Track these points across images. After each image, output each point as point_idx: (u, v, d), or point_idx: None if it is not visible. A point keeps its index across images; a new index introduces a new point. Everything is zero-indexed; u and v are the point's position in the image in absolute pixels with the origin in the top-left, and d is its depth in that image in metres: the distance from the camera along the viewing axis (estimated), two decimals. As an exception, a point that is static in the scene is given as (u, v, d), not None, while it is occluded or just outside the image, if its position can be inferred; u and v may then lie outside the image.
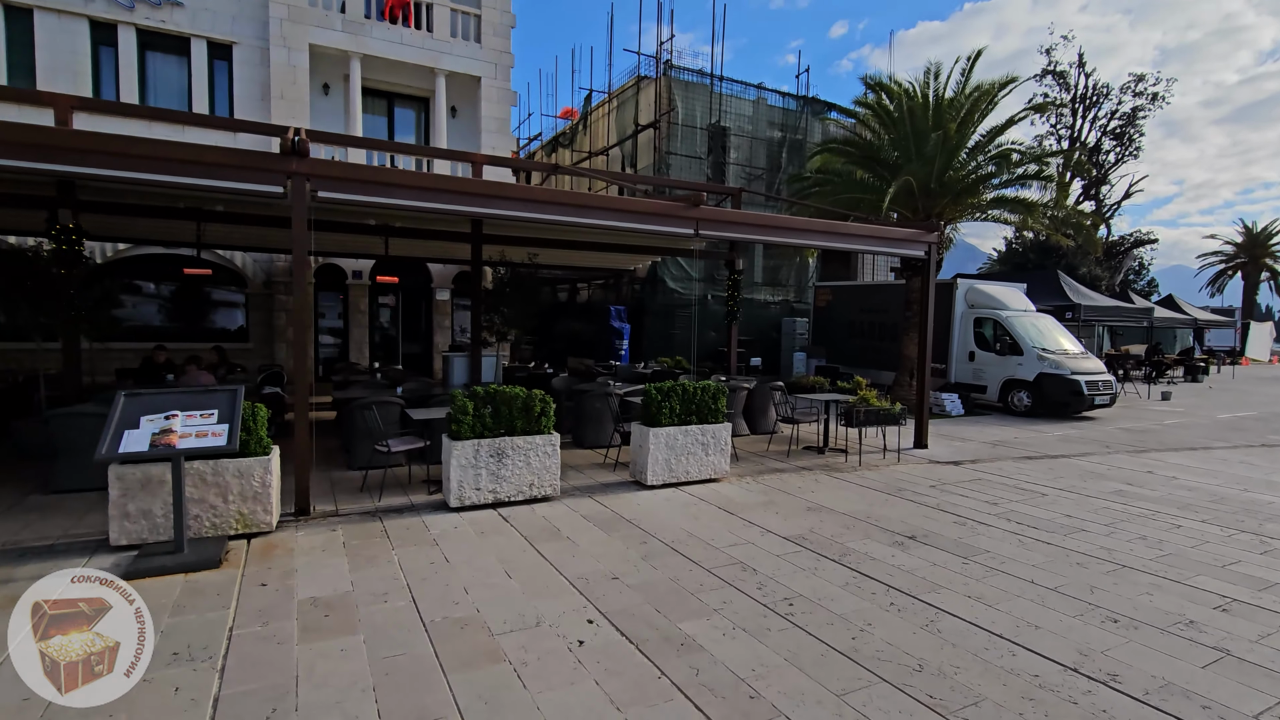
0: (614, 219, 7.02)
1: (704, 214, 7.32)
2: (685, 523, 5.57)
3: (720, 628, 3.68)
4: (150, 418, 4.43)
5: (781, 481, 7.10)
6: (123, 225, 9.65)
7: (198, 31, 13.01)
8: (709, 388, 6.94)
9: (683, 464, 6.75)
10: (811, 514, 5.93)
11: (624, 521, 5.57)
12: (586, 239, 11.13)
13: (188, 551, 4.42)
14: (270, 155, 5.31)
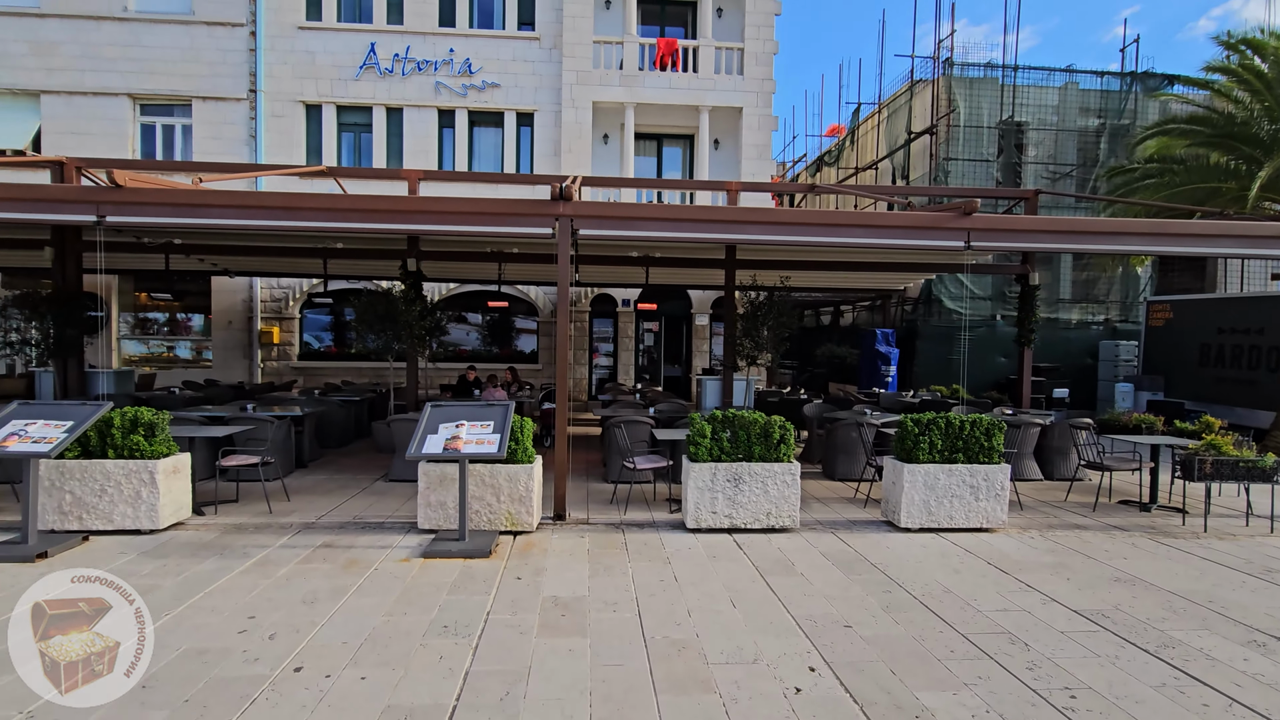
0: (865, 235, 6.56)
1: (977, 223, 6.42)
2: (942, 575, 4.85)
3: (969, 707, 3.09)
4: (446, 425, 5.35)
5: (1080, 541, 5.80)
6: (450, 269, 11.96)
7: (509, 106, 15.65)
8: (980, 421, 6.01)
9: (945, 508, 5.92)
10: (1120, 586, 4.71)
11: (867, 564, 5.06)
12: (844, 259, 10.61)
13: (467, 540, 5.21)
14: (541, 202, 6.09)
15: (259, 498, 6.64)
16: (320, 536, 5.54)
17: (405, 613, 4.03)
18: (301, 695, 3.09)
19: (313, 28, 15.28)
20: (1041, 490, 7.76)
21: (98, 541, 5.27)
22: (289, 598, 4.24)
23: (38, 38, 14.78)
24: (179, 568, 4.74)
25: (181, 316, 16.42)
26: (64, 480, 5.37)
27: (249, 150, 15.19)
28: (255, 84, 15.15)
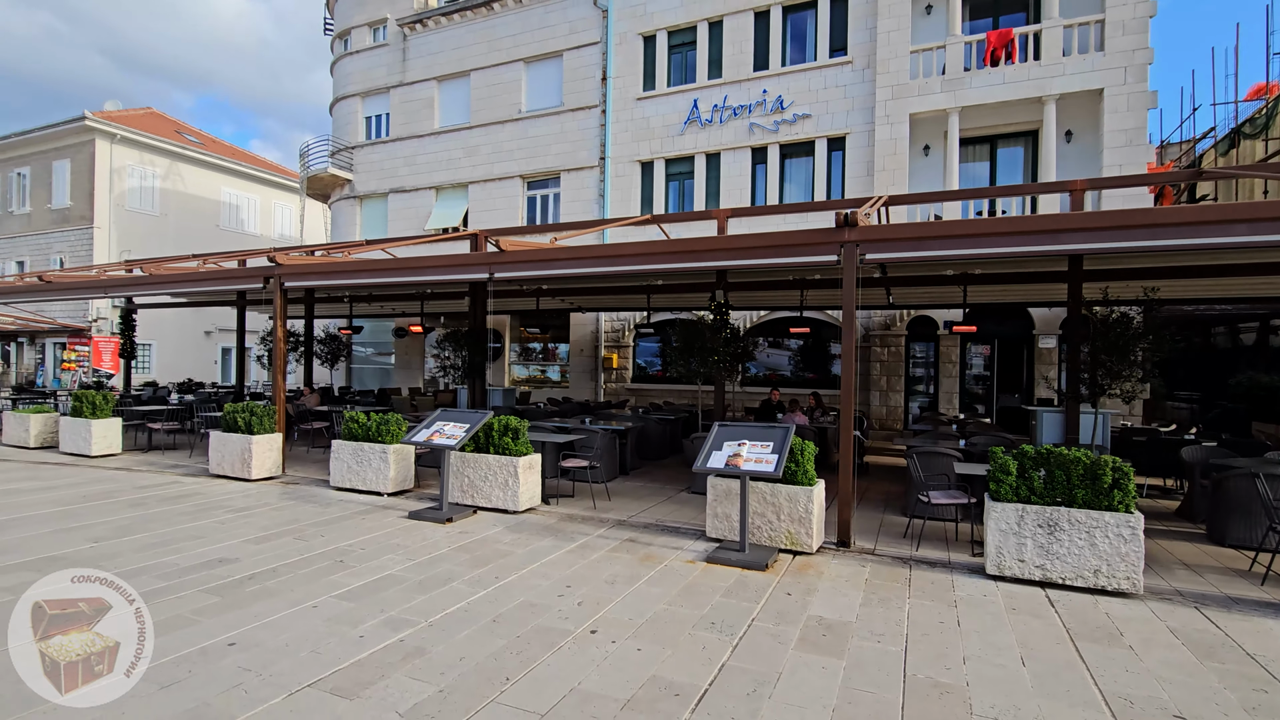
0: (1253, 233, 5.07)
1: None
2: (1373, 690, 3.50)
3: None
4: (730, 444, 5.82)
5: None
6: (755, 298, 12.61)
7: (820, 133, 15.85)
8: None
9: (1399, 600, 4.20)
10: None
11: (1238, 652, 3.92)
12: (1257, 259, 8.21)
13: (747, 552, 5.56)
14: (825, 230, 6.20)
15: (588, 495, 8.03)
16: (628, 532, 6.49)
17: (682, 605, 4.56)
18: (592, 651, 3.80)
19: (648, 97, 17.77)
20: None
21: (482, 515, 7.06)
22: (596, 576, 5.14)
23: (467, 145, 20.21)
24: (527, 541, 6.10)
25: (551, 346, 20.42)
26: (464, 467, 7.34)
27: (598, 207, 18.29)
28: (604, 152, 18.22)
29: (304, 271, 9.30)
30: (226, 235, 31.11)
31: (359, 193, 22.15)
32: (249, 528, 6.41)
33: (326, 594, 4.66)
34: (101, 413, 10.66)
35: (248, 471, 8.67)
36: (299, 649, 3.78)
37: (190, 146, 30.80)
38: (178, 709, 3.10)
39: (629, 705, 3.22)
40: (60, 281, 12.44)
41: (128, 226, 28.06)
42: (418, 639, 3.94)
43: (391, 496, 7.86)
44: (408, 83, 21.35)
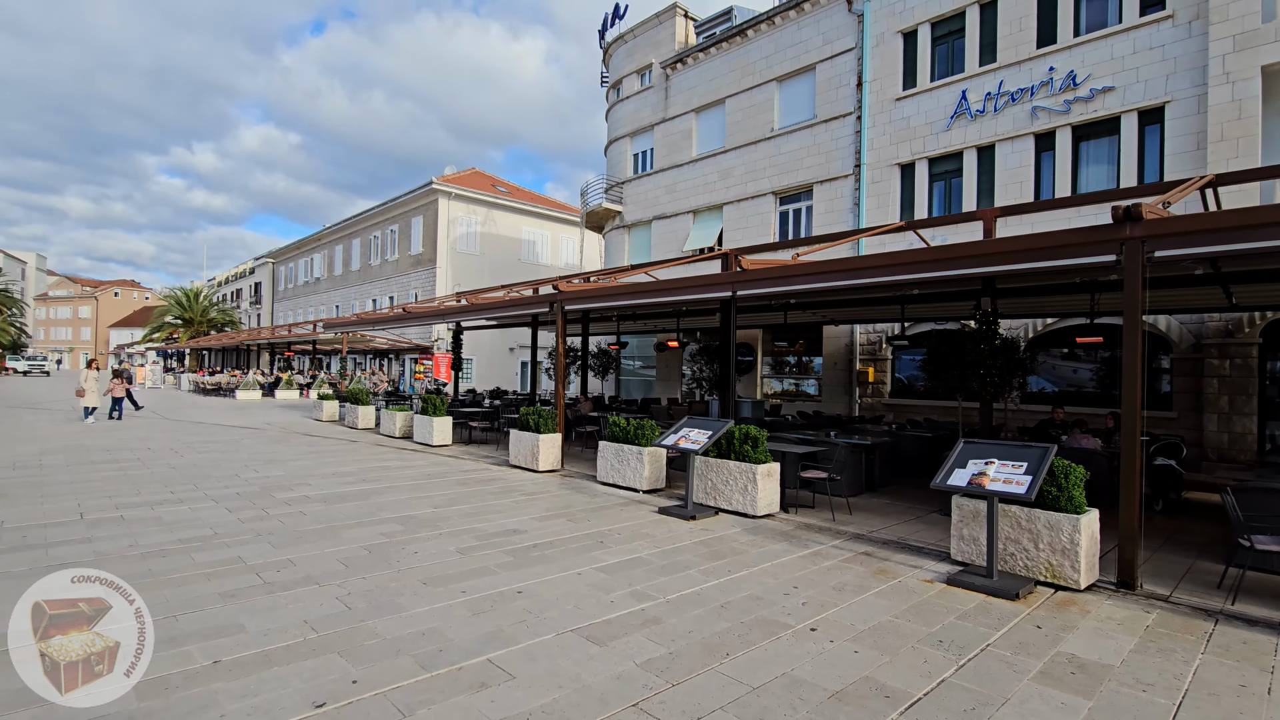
0: None
1: None
2: None
3: None
4: (975, 461, 5.46)
5: None
6: (1033, 305, 11.18)
7: (1127, 107, 13.41)
8: None
9: None
10: None
11: None
12: None
13: (995, 579, 5.16)
14: (1100, 228, 5.46)
15: (827, 508, 8.04)
16: (864, 546, 6.42)
17: (910, 619, 4.48)
18: (809, 645, 4.01)
19: (908, 95, 16.86)
20: None
21: (722, 516, 7.57)
22: (824, 581, 5.27)
23: (721, 168, 21.27)
24: (761, 543, 6.43)
25: (805, 359, 20.34)
26: (707, 471, 7.94)
27: (853, 217, 17.82)
28: (859, 159, 17.73)
29: (580, 296, 10.90)
30: (525, 267, 36.97)
31: (627, 222, 24.69)
32: (535, 508, 7.81)
33: (588, 565, 5.57)
34: (439, 413, 13.68)
35: (535, 464, 10.43)
36: (565, 603, 4.65)
37: (500, 196, 37.33)
38: (484, 629, 4.13)
39: (837, 696, 3.39)
40: (413, 311, 16.25)
41: (459, 265, 34.94)
42: (656, 610, 4.55)
43: (645, 493, 8.81)
44: (669, 118, 23.26)
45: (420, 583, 5.03)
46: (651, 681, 3.52)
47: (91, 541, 5.96)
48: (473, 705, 3.23)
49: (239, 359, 51.83)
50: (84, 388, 16.31)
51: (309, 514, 7.23)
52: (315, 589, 4.83)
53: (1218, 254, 6.14)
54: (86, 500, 7.64)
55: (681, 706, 3.26)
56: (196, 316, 52.12)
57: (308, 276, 50.46)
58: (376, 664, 3.65)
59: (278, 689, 3.34)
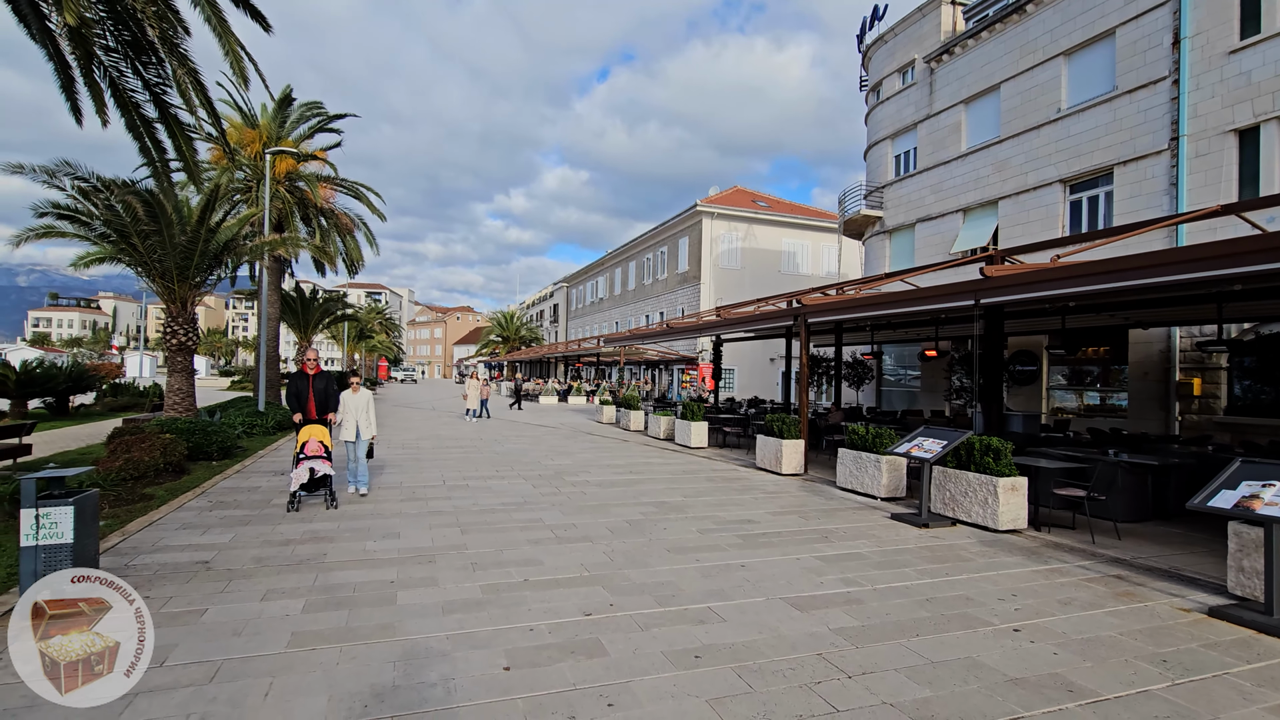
0: None
1: None
2: None
3: None
4: (1250, 483, 4.83)
5: None
6: None
7: None
8: None
9: None
10: None
11: None
12: None
13: (1276, 617, 4.55)
14: None
15: (1089, 529, 7.37)
16: (1119, 570, 5.94)
17: (1138, 639, 4.30)
18: (1006, 643, 4.20)
19: (1247, 45, 13.76)
20: None
21: (960, 528, 7.49)
22: (1052, 595, 5.17)
23: (996, 159, 19.48)
24: (993, 555, 6.35)
25: (1110, 369, 17.56)
26: (945, 481, 7.90)
27: (1169, 200, 15.03)
28: (1177, 131, 14.92)
29: (821, 309, 11.38)
30: (784, 278, 37.56)
31: (888, 227, 23.89)
32: (771, 505, 8.61)
33: (808, 554, 6.23)
34: (696, 418, 15.19)
35: (779, 467, 11.18)
36: (779, 579, 5.43)
37: (759, 210, 38.56)
38: (709, 587, 5.13)
39: (1015, 682, 3.64)
40: (674, 325, 18.13)
41: (721, 280, 36.98)
42: (859, 595, 5.08)
43: (882, 500, 8.99)
44: (934, 113, 22.03)
45: (665, 550, 6.23)
46: (838, 641, 4.14)
47: (450, 499, 8.44)
48: (691, 632, 4.24)
49: (543, 369, 61.53)
50: (467, 393, 22.15)
51: (588, 494, 9.04)
52: (589, 544, 6.34)
53: None
54: (446, 473, 10.57)
55: (858, 662, 3.85)
56: (511, 334, 63.09)
57: (594, 297, 57.68)
58: (627, 596, 4.89)
59: (561, 601, 4.76)
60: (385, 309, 75.37)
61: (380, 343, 57.14)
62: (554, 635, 4.13)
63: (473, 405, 22.13)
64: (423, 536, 6.52)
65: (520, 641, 4.03)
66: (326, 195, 20.09)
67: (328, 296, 29.36)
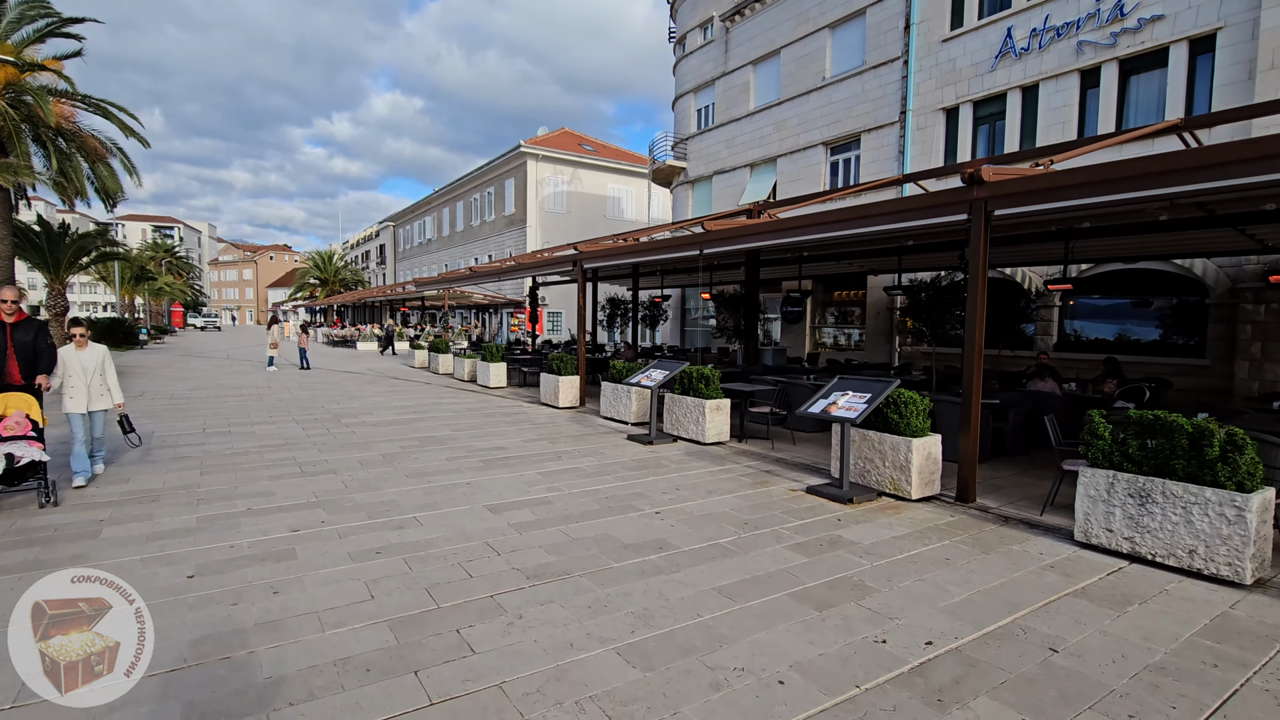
0: None
1: None
2: (1405, 710, 2.90)
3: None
4: (837, 393, 6.51)
5: None
6: (1024, 253, 11.31)
7: (1176, 36, 12.61)
8: None
9: None
10: None
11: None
12: None
13: (844, 489, 6.29)
14: (950, 191, 6.16)
15: (777, 438, 9.20)
16: (772, 467, 7.64)
17: (743, 511, 5.77)
18: (644, 521, 5.46)
19: (954, 36, 16.42)
20: None
21: (680, 444, 8.95)
22: (706, 487, 6.61)
23: (776, 120, 21.52)
24: (687, 462, 7.81)
25: (851, 310, 20.66)
26: (673, 405, 9.33)
27: (898, 165, 17.76)
28: (905, 105, 17.54)
29: (595, 255, 12.37)
30: (610, 223, 38.59)
31: (690, 178, 25.51)
32: (531, 433, 9.60)
33: (534, 470, 7.26)
34: (495, 359, 15.83)
35: (556, 401, 12.24)
36: (493, 491, 6.37)
37: (585, 155, 38.93)
38: (425, 501, 5.93)
39: (627, 546, 4.86)
40: (477, 271, 18.39)
41: (547, 224, 37.13)
42: (553, 498, 6.16)
43: (633, 425, 10.34)
44: (728, 71, 23.60)
45: (404, 476, 6.94)
46: (508, 532, 5.15)
47: (204, 445, 8.44)
48: (386, 536, 5.02)
49: (370, 315, 58.25)
50: (275, 340, 20.87)
51: (358, 433, 9.44)
52: (331, 476, 6.87)
53: (1039, 213, 6.54)
54: (210, 420, 10.35)
55: (513, 544, 4.87)
56: (330, 277, 58.68)
57: (422, 238, 55.11)
58: (342, 514, 5.55)
59: (277, 523, 5.31)
60: (176, 246, 66.20)
61: (169, 285, 50.44)
62: (252, 550, 4.71)
63: (274, 354, 20.93)
64: (154, 479, 6.65)
65: (216, 557, 4.57)
66: (64, 114, 17.41)
67: (87, 232, 25.52)
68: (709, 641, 3.42)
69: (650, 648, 3.36)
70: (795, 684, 3.03)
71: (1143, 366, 12.95)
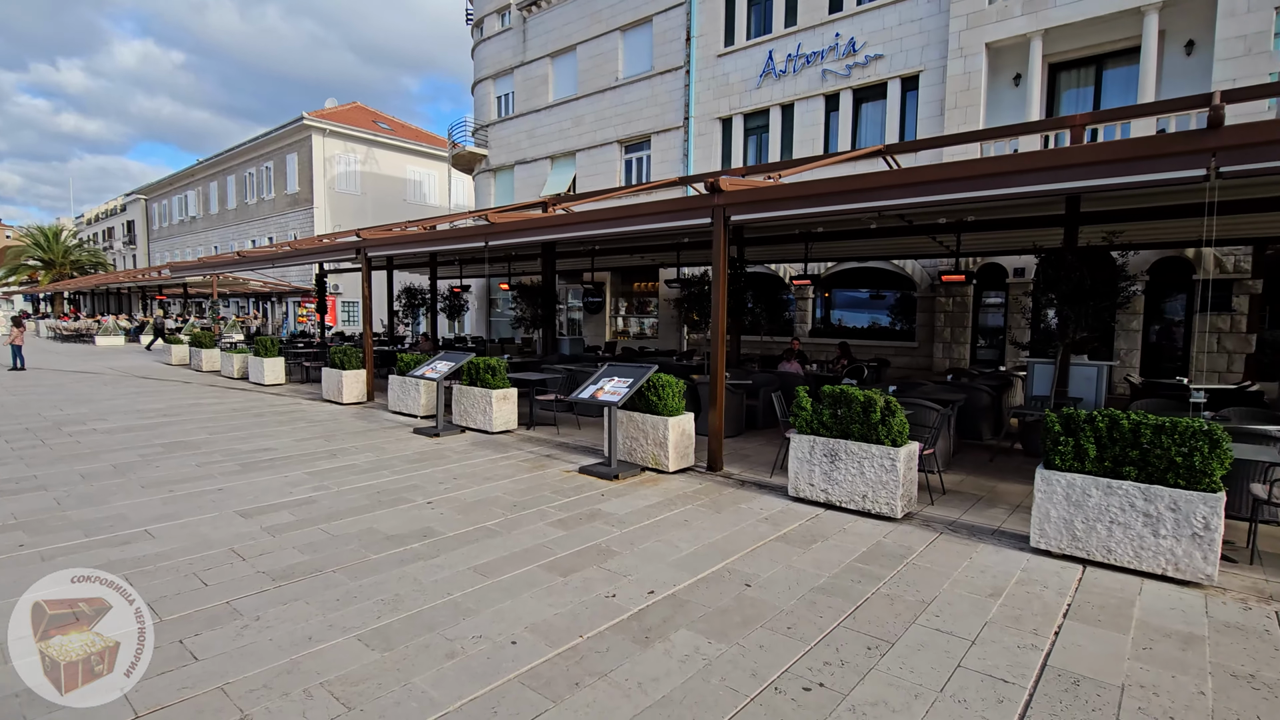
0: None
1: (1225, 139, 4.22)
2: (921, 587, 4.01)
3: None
4: (605, 379, 7.06)
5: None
6: (774, 252, 12.99)
7: (893, 73, 15.16)
8: (1177, 427, 4.16)
9: (1099, 536, 4.40)
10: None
11: (890, 557, 4.51)
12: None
13: (612, 466, 6.84)
14: (698, 196, 6.99)
15: (565, 424, 9.65)
16: (552, 450, 8.04)
17: (514, 494, 6.06)
18: (414, 512, 5.51)
19: (728, 53, 18.08)
20: None
21: (468, 434, 9.02)
22: (485, 474, 6.80)
23: (575, 114, 22.03)
24: (473, 452, 7.93)
25: (647, 300, 21.96)
26: (461, 396, 9.34)
27: (684, 166, 19.17)
28: (688, 111, 18.96)
29: (380, 243, 11.85)
30: (411, 207, 36.64)
31: (493, 166, 25.17)
32: (306, 432, 9.03)
33: (302, 470, 6.90)
34: (270, 353, 14.45)
35: (340, 397, 11.57)
36: (248, 496, 5.97)
37: (381, 133, 36.44)
38: (162, 512, 5.41)
39: (390, 538, 4.90)
40: (248, 255, 16.60)
41: (339, 206, 34.26)
42: (319, 497, 5.95)
43: (422, 419, 10.16)
44: (527, 61, 23.60)
45: (140, 487, 6.22)
46: (260, 536, 4.92)
47: None
48: (104, 554, 4.53)
49: (117, 304, 49.21)
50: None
51: (85, 442, 8.18)
52: (40, 493, 5.95)
53: (769, 220, 7.75)
54: None
55: (262, 547, 4.68)
56: (58, 258, 48.65)
57: (183, 215, 47.79)
58: (49, 535, 4.88)
59: (-43, 551, 4.54)
60: None
61: None
62: (-83, 583, 4.01)
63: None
64: None
65: None
66: None
67: None
68: (453, 616, 3.66)
69: (394, 630, 3.51)
70: (526, 642, 3.39)
71: (874, 349, 15.50)
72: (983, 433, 8.82)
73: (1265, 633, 3.59)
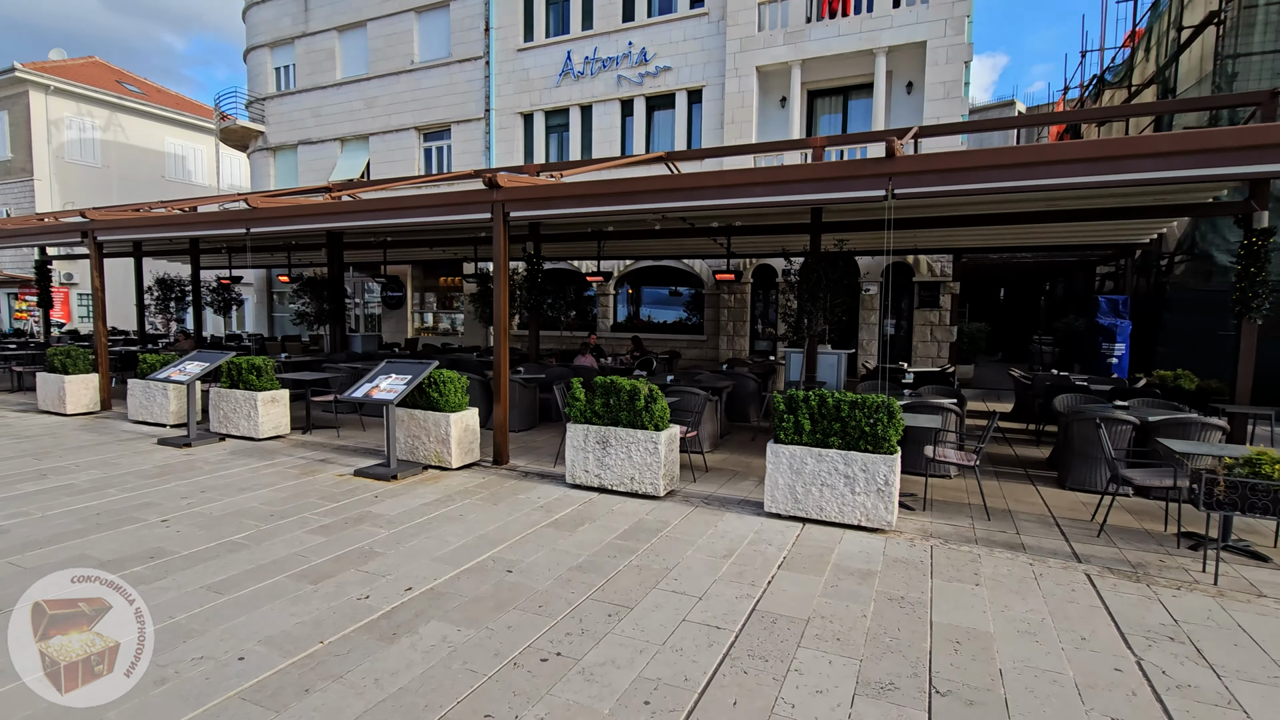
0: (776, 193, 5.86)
1: (899, 165, 5.25)
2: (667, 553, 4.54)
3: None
4: (382, 377, 6.81)
5: (967, 559, 4.56)
6: (563, 249, 13.37)
7: (679, 86, 16.26)
8: (865, 403, 5.08)
9: (813, 496, 5.22)
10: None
11: (647, 529, 4.96)
12: (1026, 209, 8.55)
13: (391, 466, 6.61)
14: (478, 191, 7.01)
15: (349, 425, 9.10)
16: (328, 454, 7.57)
17: (272, 504, 5.63)
18: (143, 533, 4.88)
19: (528, 48, 18.09)
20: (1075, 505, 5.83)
21: (229, 442, 8.14)
22: (241, 484, 6.22)
23: (366, 96, 20.62)
24: (232, 461, 7.18)
25: (454, 295, 21.30)
26: (220, 400, 8.39)
27: (486, 159, 18.85)
28: (489, 104, 18.66)
29: (115, 225, 10.17)
30: (173, 185, 31.70)
31: (271, 144, 22.68)
32: (6, 451, 7.53)
33: (3, 495, 5.78)
34: (-38, 357, 11.74)
35: (63, 407, 9.78)
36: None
37: (130, 97, 31.03)
38: None
39: (107, 565, 4.31)
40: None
41: (72, 178, 28.66)
42: (10, 524, 5.04)
43: (172, 427, 8.95)
44: (310, 33, 21.59)
45: None
46: (-82, 577, 4.06)
47: None
48: None
49: None
50: None
51: None
52: None
53: (552, 217, 8.13)
54: None
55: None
56: None
57: None
58: None
59: None
60: None
61: None
62: None
63: None
64: None
65: None
66: None
67: None
68: (172, 640, 3.35)
69: (95, 663, 3.13)
70: (256, 655, 3.21)
71: (670, 342, 16.55)
72: (750, 415, 9.89)
73: (920, 563, 4.53)
